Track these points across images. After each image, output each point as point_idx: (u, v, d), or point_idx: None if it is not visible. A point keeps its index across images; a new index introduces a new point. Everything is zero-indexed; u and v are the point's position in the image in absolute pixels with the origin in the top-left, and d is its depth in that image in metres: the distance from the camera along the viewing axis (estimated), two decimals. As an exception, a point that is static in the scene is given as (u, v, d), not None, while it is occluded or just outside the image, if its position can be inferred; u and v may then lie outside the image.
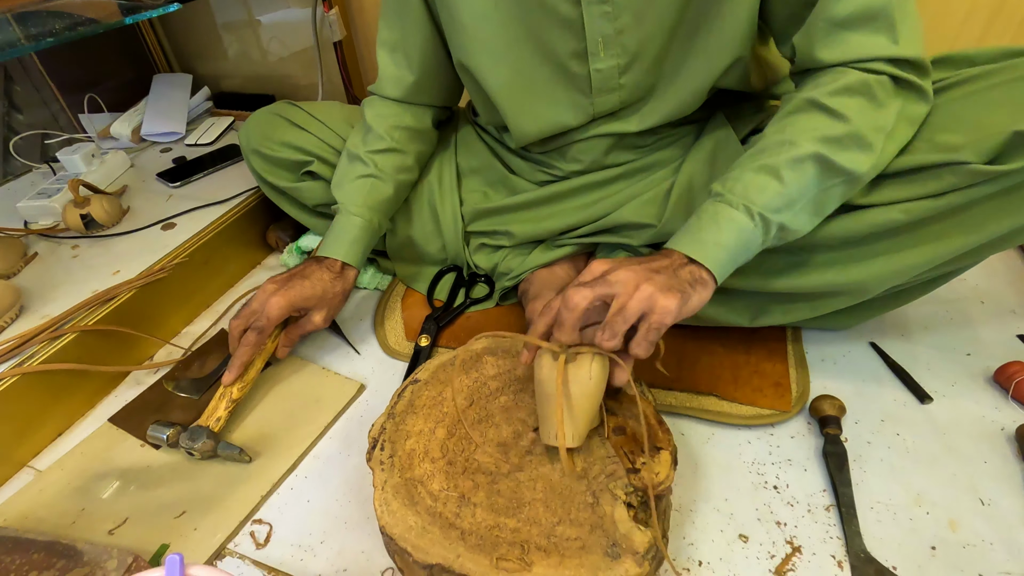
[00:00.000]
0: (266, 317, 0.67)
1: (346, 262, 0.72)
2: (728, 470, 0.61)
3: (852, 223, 0.57)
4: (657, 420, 0.54)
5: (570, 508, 0.48)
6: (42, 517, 0.61)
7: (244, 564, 0.56)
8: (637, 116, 0.69)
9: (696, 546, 0.55)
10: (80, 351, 0.71)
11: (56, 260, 0.86)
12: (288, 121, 0.82)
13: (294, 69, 1.29)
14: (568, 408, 0.49)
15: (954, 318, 0.76)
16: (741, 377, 0.69)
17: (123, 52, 1.30)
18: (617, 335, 0.47)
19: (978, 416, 0.64)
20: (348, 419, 0.70)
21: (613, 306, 0.48)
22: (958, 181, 0.52)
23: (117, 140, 1.16)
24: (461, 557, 0.45)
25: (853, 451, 0.61)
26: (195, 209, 0.93)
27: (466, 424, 0.55)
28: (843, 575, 0.52)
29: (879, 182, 0.56)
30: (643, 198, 0.72)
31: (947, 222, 0.55)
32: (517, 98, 0.68)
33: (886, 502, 0.57)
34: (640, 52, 0.63)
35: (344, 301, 0.75)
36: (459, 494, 0.50)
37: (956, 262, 0.59)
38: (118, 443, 0.68)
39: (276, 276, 0.71)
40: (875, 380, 0.69)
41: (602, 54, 0.63)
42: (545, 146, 0.75)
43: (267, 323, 0.67)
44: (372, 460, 0.53)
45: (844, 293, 0.63)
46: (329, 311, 0.73)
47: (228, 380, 0.67)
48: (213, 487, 0.63)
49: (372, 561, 0.56)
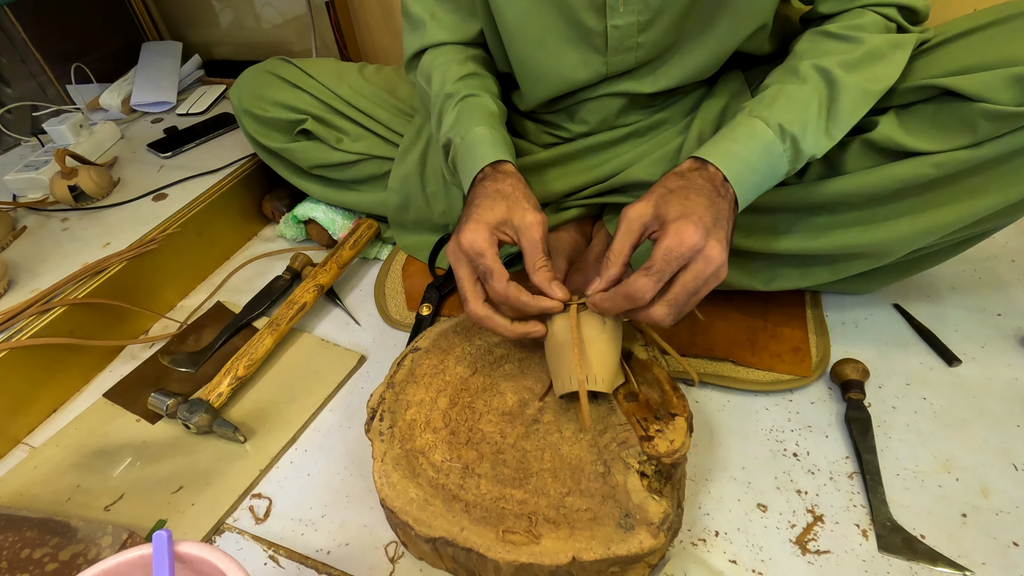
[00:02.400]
0: (479, 256, 0.49)
1: (498, 160, 0.57)
2: (745, 438, 0.58)
3: (878, 178, 0.53)
4: (671, 386, 0.51)
5: (580, 478, 0.46)
6: (37, 494, 0.59)
7: (243, 539, 0.55)
8: (651, 77, 0.64)
9: (712, 516, 0.52)
10: (71, 325, 0.69)
11: (46, 233, 0.83)
12: (280, 78, 0.79)
13: (287, 34, 1.24)
14: (583, 352, 0.47)
15: (983, 277, 0.72)
16: (758, 342, 0.66)
17: (110, 20, 1.25)
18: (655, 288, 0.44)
19: (1010, 379, 0.61)
20: (349, 391, 0.68)
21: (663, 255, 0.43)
22: (993, 128, 0.48)
23: (107, 111, 1.12)
24: (465, 530, 0.43)
25: (877, 416, 0.58)
26: (187, 179, 0.90)
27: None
28: (868, 544, 0.49)
29: (909, 125, 0.52)
30: (652, 157, 0.68)
31: (982, 176, 0.51)
32: (528, 48, 0.63)
33: (913, 469, 0.54)
34: (663, 9, 0.57)
35: (530, 188, 0.56)
36: (462, 465, 0.47)
37: (988, 221, 0.55)
38: (114, 418, 0.67)
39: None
40: (899, 343, 0.66)
41: (621, 8, 0.58)
42: (552, 106, 0.71)
43: (489, 260, 0.49)
44: (371, 431, 0.51)
45: (866, 255, 0.59)
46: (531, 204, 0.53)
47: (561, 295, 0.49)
48: (211, 462, 0.61)
49: (375, 535, 0.54)
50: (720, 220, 0.45)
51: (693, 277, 0.43)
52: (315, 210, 0.86)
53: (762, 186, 0.50)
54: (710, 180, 0.47)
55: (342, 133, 0.80)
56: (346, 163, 0.80)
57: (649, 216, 0.46)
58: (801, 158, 0.50)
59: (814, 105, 0.49)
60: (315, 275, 0.76)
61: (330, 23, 1.13)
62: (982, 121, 0.48)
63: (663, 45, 0.61)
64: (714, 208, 0.45)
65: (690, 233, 0.43)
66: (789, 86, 0.50)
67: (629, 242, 0.47)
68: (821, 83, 0.50)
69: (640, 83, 0.64)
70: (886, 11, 0.52)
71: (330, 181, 0.84)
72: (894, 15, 0.52)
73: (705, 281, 0.44)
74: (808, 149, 0.49)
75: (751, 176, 0.48)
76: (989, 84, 0.47)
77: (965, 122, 0.49)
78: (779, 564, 0.49)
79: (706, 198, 0.45)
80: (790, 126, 0.48)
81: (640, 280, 0.44)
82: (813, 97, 0.49)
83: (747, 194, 0.49)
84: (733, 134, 0.49)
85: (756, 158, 0.48)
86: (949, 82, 0.49)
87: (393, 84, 0.83)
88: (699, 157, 0.48)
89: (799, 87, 0.49)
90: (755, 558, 0.49)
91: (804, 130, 0.48)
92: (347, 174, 0.82)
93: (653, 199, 0.46)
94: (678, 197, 0.45)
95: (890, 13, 0.52)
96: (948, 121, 0.51)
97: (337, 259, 0.79)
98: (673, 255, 0.43)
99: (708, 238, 0.43)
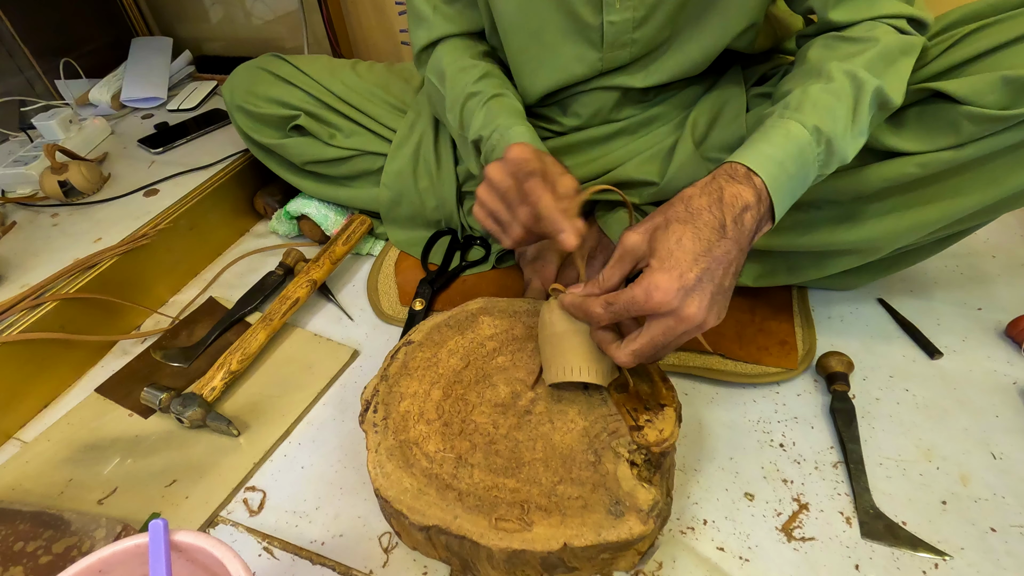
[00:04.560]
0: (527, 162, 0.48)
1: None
2: (733, 429, 0.59)
3: (864, 177, 0.55)
4: (661, 376, 0.52)
5: (571, 467, 0.47)
6: (29, 489, 0.59)
7: (237, 531, 0.55)
8: (644, 72, 0.65)
9: (701, 505, 0.53)
10: (63, 320, 0.69)
11: (35, 229, 0.82)
12: (273, 75, 0.79)
13: (279, 31, 1.23)
14: (579, 345, 0.47)
15: (965, 273, 0.74)
16: (746, 335, 0.67)
17: (99, 15, 1.24)
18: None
19: (990, 370, 0.62)
20: (342, 385, 0.68)
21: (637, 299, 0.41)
22: (976, 130, 0.49)
23: (96, 107, 1.12)
24: (459, 518, 0.44)
25: (861, 407, 0.60)
26: (179, 175, 0.89)
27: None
28: (852, 531, 0.51)
29: (896, 125, 0.53)
30: (645, 154, 0.69)
31: (965, 176, 0.53)
32: (525, 43, 0.64)
33: (895, 457, 0.56)
34: (657, 5, 0.58)
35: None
36: (456, 455, 0.48)
37: (970, 220, 0.57)
38: (106, 413, 0.66)
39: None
40: (883, 337, 0.67)
41: (617, 5, 0.58)
42: (545, 100, 0.72)
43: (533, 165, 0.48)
44: (365, 422, 0.51)
45: (853, 252, 0.60)
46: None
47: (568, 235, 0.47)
48: (204, 455, 0.61)
49: (369, 526, 0.54)
50: (713, 272, 0.40)
51: (662, 333, 0.41)
52: (308, 206, 0.86)
53: (796, 193, 0.45)
54: (720, 215, 0.41)
55: (335, 129, 0.80)
56: (339, 159, 0.81)
57: (642, 251, 0.43)
58: (832, 162, 0.46)
59: (843, 106, 0.46)
60: (308, 271, 0.77)
61: (322, 19, 1.13)
62: (966, 123, 0.49)
63: (657, 41, 0.61)
64: (708, 257, 0.40)
65: (662, 292, 0.39)
66: (813, 87, 0.46)
67: (620, 273, 0.44)
68: (847, 83, 0.46)
69: (633, 77, 0.65)
70: (896, 23, 0.50)
71: (323, 177, 0.84)
72: (904, 27, 0.50)
73: (677, 338, 0.41)
74: (840, 151, 0.46)
75: (788, 182, 0.44)
76: (976, 87, 0.48)
77: (949, 124, 0.50)
78: (765, 551, 0.50)
79: (703, 244, 0.40)
80: (824, 127, 0.44)
81: (596, 308, 0.43)
82: (842, 98, 0.46)
83: (783, 202, 0.44)
84: (767, 136, 0.44)
85: (791, 161, 0.43)
86: (938, 85, 0.50)
87: (386, 80, 0.83)
88: (734, 162, 0.44)
89: (824, 87, 0.46)
90: (742, 545, 0.50)
91: (835, 131, 0.45)
92: (340, 170, 0.82)
93: (651, 231, 0.42)
94: (673, 237, 0.41)
95: (900, 25, 0.50)
96: (933, 123, 0.52)
97: (330, 255, 0.79)
98: (635, 306, 0.41)
99: (685, 298, 0.40)
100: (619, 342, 0.45)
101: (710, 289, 0.41)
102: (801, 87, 0.47)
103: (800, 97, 0.46)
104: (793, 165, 0.44)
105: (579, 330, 0.48)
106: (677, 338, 0.41)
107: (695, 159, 0.64)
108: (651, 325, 0.42)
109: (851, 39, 0.49)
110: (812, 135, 0.44)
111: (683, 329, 0.41)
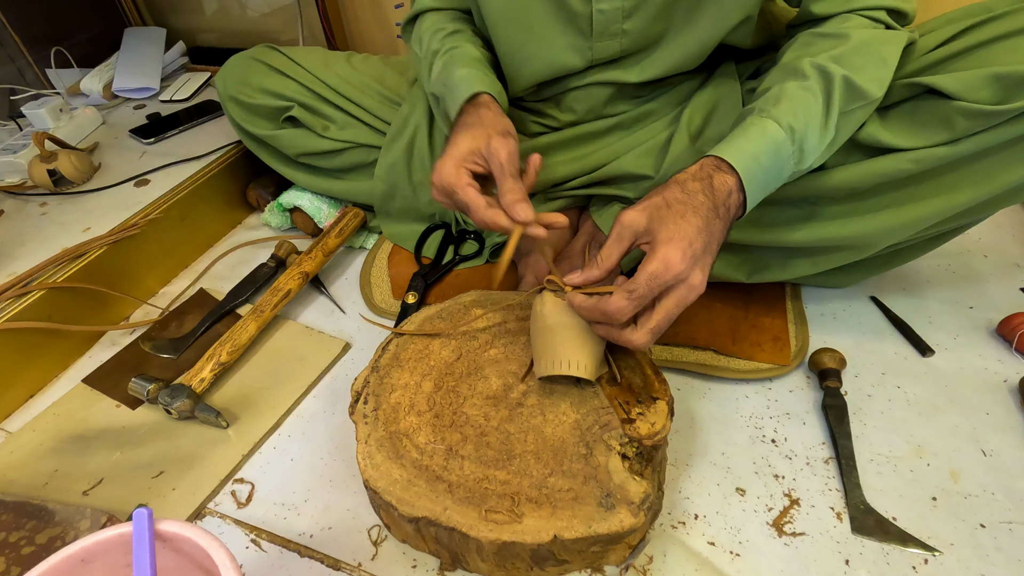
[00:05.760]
0: (452, 193, 0.52)
1: (477, 92, 0.57)
2: (725, 424, 0.59)
3: (859, 173, 0.55)
4: (653, 370, 0.51)
5: (562, 460, 0.46)
6: (12, 479, 0.58)
7: (225, 523, 0.54)
8: (638, 67, 0.64)
9: (692, 499, 0.53)
10: (50, 310, 0.68)
11: (24, 218, 0.81)
12: (267, 65, 0.78)
13: (274, 23, 1.22)
14: (570, 338, 0.47)
15: (957, 271, 0.74)
16: (739, 332, 0.67)
17: (92, 5, 1.23)
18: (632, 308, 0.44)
19: (981, 368, 0.63)
20: (333, 377, 0.68)
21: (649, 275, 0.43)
22: (970, 126, 0.49)
23: (88, 96, 1.11)
24: (448, 510, 0.43)
25: (853, 404, 0.60)
26: (170, 165, 0.89)
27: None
28: (842, 526, 0.51)
29: (890, 122, 0.53)
30: (640, 149, 0.69)
31: (958, 172, 0.53)
32: (513, 31, 0.64)
33: (886, 454, 0.56)
34: None
35: (503, 114, 0.57)
36: (446, 447, 0.48)
37: (963, 216, 0.57)
38: (93, 404, 0.66)
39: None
40: (876, 334, 0.67)
41: None
42: (540, 94, 0.71)
43: (461, 194, 0.51)
44: (355, 414, 0.51)
45: (846, 248, 0.60)
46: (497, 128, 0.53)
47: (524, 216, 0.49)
48: (192, 447, 0.60)
49: (358, 518, 0.54)
50: (711, 245, 0.44)
51: (676, 304, 0.43)
52: (301, 198, 0.85)
53: (768, 187, 0.49)
54: (712, 197, 0.45)
55: (329, 121, 0.80)
56: (332, 151, 0.80)
57: (642, 227, 0.44)
58: (805, 159, 0.49)
59: (817, 102, 0.48)
60: (300, 263, 0.76)
61: (317, 12, 1.12)
62: (960, 119, 0.49)
63: (650, 34, 0.61)
64: (707, 231, 0.44)
65: (677, 260, 0.42)
66: (790, 84, 0.49)
67: (619, 250, 0.46)
68: (818, 77, 0.49)
69: (627, 72, 0.65)
70: (875, 14, 0.52)
71: (316, 169, 0.84)
72: (883, 17, 0.52)
73: (685, 308, 0.44)
74: (811, 148, 0.48)
75: (762, 176, 0.47)
76: (969, 83, 0.48)
77: (943, 119, 0.51)
78: (756, 546, 0.50)
79: (701, 219, 0.44)
80: (798, 125, 0.47)
81: (620, 302, 0.43)
82: (815, 94, 0.48)
83: (755, 194, 0.48)
84: (745, 133, 0.47)
85: (766, 157, 0.47)
86: (931, 80, 0.50)
87: (381, 73, 0.83)
88: (714, 155, 0.47)
89: (800, 85, 0.48)
90: (733, 540, 0.50)
91: (807, 128, 0.48)
92: (333, 162, 0.81)
93: (649, 210, 0.45)
94: (673, 215, 0.44)
95: (879, 16, 0.52)
96: (927, 118, 0.52)
97: (322, 247, 0.78)
98: (657, 281, 0.42)
99: (694, 266, 0.43)
100: (633, 326, 0.45)
101: (709, 260, 0.45)
102: (779, 85, 0.50)
103: (777, 94, 0.49)
104: (768, 160, 0.47)
105: (570, 324, 0.48)
106: (684, 308, 0.44)
107: (691, 153, 0.64)
108: (665, 299, 0.44)
109: (826, 35, 0.52)
110: (787, 133, 0.47)
111: (692, 297, 0.43)
